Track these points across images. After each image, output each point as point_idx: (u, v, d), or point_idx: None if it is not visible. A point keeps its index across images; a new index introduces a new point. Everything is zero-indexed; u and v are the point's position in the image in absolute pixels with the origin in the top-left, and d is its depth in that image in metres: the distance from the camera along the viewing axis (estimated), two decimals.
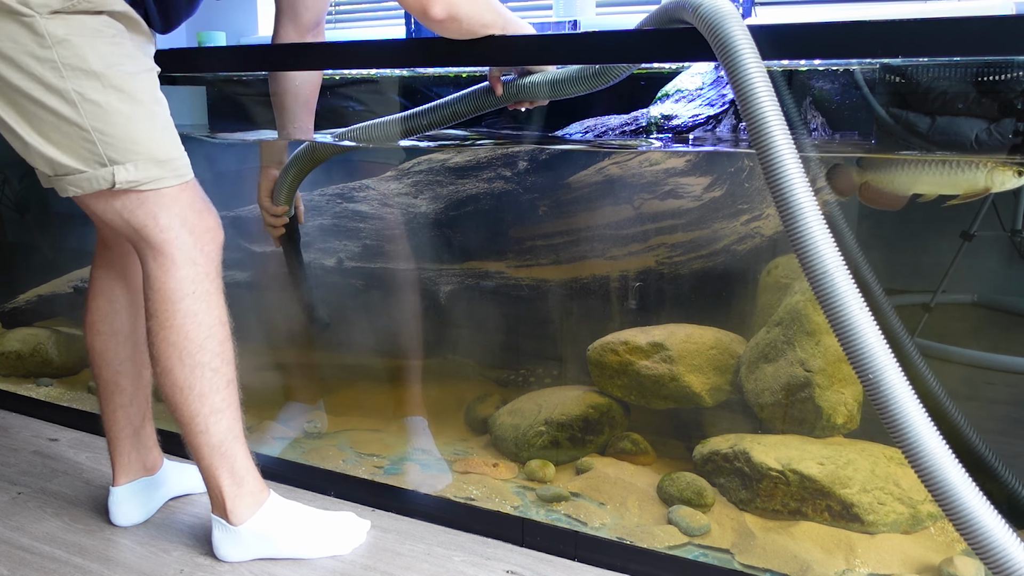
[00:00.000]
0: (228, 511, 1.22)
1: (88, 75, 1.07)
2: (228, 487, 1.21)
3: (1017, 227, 1.41)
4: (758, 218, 1.61)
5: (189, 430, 1.20)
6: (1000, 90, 1.14)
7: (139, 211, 1.14)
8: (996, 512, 0.86)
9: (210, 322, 1.17)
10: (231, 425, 1.21)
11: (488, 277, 1.80)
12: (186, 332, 1.16)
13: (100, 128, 1.08)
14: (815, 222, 0.92)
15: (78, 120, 1.07)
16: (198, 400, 1.18)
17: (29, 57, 1.05)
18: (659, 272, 1.66)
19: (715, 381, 1.53)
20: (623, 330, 1.60)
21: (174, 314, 1.15)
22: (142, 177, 1.11)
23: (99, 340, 1.33)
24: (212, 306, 1.17)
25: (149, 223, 1.15)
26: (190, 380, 1.17)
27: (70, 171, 1.10)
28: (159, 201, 1.14)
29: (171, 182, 1.14)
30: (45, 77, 1.05)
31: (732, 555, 1.28)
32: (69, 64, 1.06)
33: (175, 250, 1.15)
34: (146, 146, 1.11)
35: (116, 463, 1.38)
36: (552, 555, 1.29)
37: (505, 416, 1.67)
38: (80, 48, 1.06)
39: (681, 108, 1.55)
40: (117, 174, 1.10)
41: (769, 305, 1.53)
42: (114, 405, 1.36)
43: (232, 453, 1.21)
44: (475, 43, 1.15)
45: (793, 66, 1.40)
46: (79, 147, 1.09)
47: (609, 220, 1.73)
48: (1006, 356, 1.47)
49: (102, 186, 1.11)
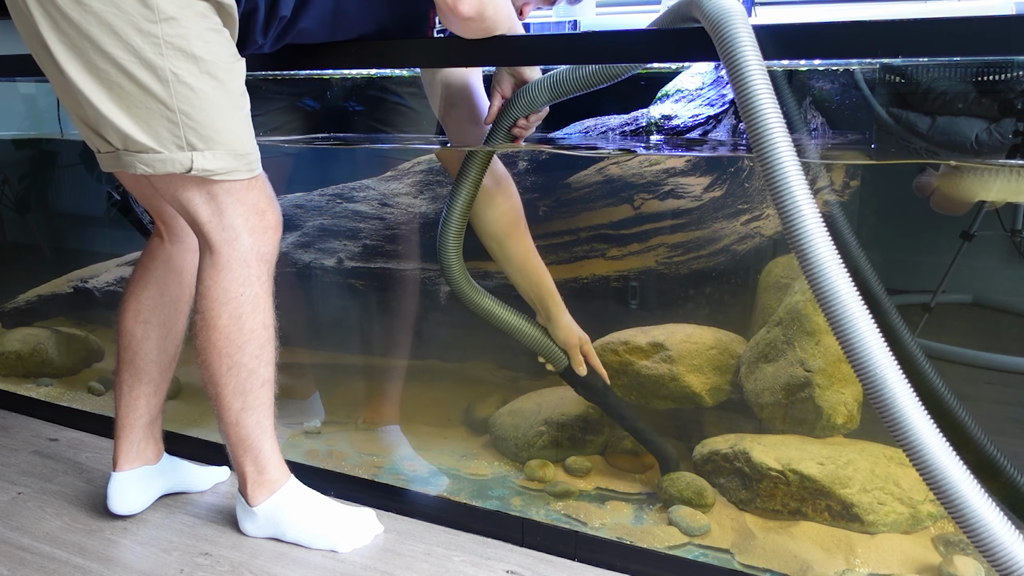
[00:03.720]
0: (247, 494, 1.29)
1: (187, 57, 1.06)
2: (250, 473, 1.28)
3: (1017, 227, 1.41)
4: (758, 218, 1.61)
5: (221, 418, 1.25)
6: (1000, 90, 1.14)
7: (205, 206, 1.15)
8: (999, 510, 0.86)
9: (253, 326, 1.19)
10: (260, 421, 1.25)
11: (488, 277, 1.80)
12: (228, 334, 1.18)
13: (187, 111, 1.08)
14: (814, 224, 0.92)
15: (167, 100, 1.07)
16: (231, 395, 1.22)
17: (131, 28, 1.03)
18: (659, 272, 1.66)
19: (715, 381, 1.52)
20: (623, 330, 1.60)
21: (219, 316, 1.18)
22: (219, 167, 1.12)
23: (141, 328, 1.35)
24: (258, 310, 1.19)
25: (213, 220, 1.16)
26: (226, 378, 1.21)
27: (144, 149, 1.09)
28: (227, 199, 1.15)
29: (243, 175, 1.15)
30: (143, 51, 1.04)
31: (732, 555, 1.28)
32: (172, 43, 1.05)
33: (231, 251, 1.16)
34: (228, 136, 1.12)
35: (122, 449, 1.39)
36: (552, 555, 1.29)
37: (505, 416, 1.67)
38: (186, 29, 1.05)
39: (681, 108, 1.55)
40: (196, 160, 1.10)
41: (769, 305, 1.53)
42: (138, 393, 1.37)
43: (258, 446, 1.26)
44: (478, 43, 1.16)
45: (793, 66, 1.40)
46: (160, 126, 1.08)
47: (609, 220, 1.73)
48: (1006, 356, 1.47)
49: (176, 169, 1.10)
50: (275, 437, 1.29)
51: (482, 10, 1.11)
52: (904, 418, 0.88)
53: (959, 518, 0.87)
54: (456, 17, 1.11)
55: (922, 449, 0.88)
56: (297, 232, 1.97)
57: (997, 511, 0.86)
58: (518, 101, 1.28)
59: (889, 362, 0.89)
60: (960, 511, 0.87)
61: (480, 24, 1.13)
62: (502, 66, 1.28)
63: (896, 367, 0.89)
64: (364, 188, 1.95)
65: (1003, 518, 0.86)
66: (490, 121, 1.31)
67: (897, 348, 0.93)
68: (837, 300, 0.90)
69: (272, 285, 1.23)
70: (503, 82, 1.29)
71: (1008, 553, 0.85)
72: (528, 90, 1.27)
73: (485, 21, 1.13)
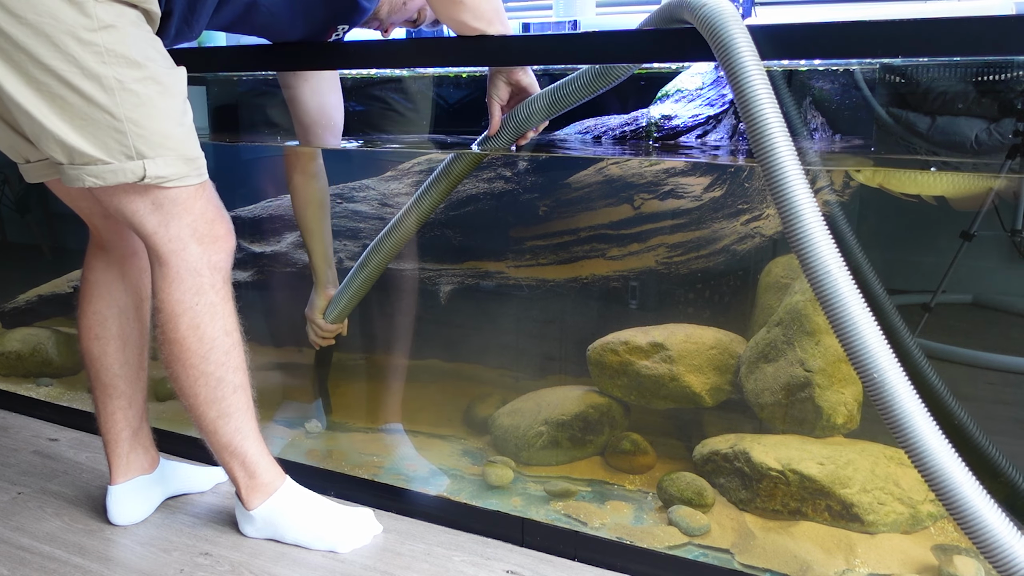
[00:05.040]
0: (242, 498, 1.29)
1: (131, 64, 1.04)
2: (241, 478, 1.28)
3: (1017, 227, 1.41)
4: (758, 218, 1.61)
5: (200, 428, 1.24)
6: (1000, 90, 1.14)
7: (151, 216, 1.12)
8: (1000, 510, 0.86)
9: (213, 334, 1.17)
10: (239, 426, 1.24)
11: (488, 277, 1.80)
12: (188, 345, 1.17)
13: (135, 119, 1.05)
14: (815, 224, 0.92)
15: (113, 109, 1.04)
16: (204, 405, 1.21)
17: (70, 38, 1.00)
18: (659, 272, 1.66)
19: (715, 381, 1.52)
20: (623, 330, 1.60)
21: (176, 328, 1.16)
22: (171, 173, 1.10)
23: (96, 345, 1.33)
24: (216, 317, 1.17)
25: (160, 231, 1.13)
26: (195, 388, 1.19)
27: (91, 160, 1.06)
28: (172, 208, 1.13)
29: (193, 180, 1.13)
30: (85, 60, 1.01)
31: (732, 555, 1.28)
32: (113, 51, 1.03)
33: (180, 262, 1.14)
34: (177, 142, 1.10)
35: (113, 463, 1.38)
36: (552, 555, 1.29)
37: (505, 416, 1.66)
38: (126, 36, 1.03)
39: (681, 108, 1.55)
40: (148, 168, 1.07)
41: (769, 305, 1.53)
42: (112, 408, 1.36)
43: (242, 450, 1.25)
44: (476, 43, 1.15)
45: (793, 66, 1.40)
46: (106, 136, 1.05)
47: (609, 220, 1.73)
48: (1006, 356, 1.47)
49: (128, 179, 1.07)
50: (260, 440, 1.27)
51: None
52: (906, 419, 0.88)
53: (960, 519, 0.87)
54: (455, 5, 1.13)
55: (924, 450, 0.88)
56: (297, 232, 1.97)
57: (999, 512, 0.86)
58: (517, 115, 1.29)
59: (892, 363, 0.89)
60: (961, 512, 0.87)
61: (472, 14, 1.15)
62: (498, 66, 1.28)
63: (898, 368, 0.89)
64: (364, 188, 1.94)
65: (1004, 518, 0.86)
66: (493, 133, 1.32)
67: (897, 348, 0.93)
68: (839, 301, 0.90)
69: (231, 291, 1.20)
70: (499, 88, 1.29)
71: (1009, 553, 0.85)
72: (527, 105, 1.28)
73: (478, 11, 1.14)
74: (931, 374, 1.18)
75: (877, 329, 0.90)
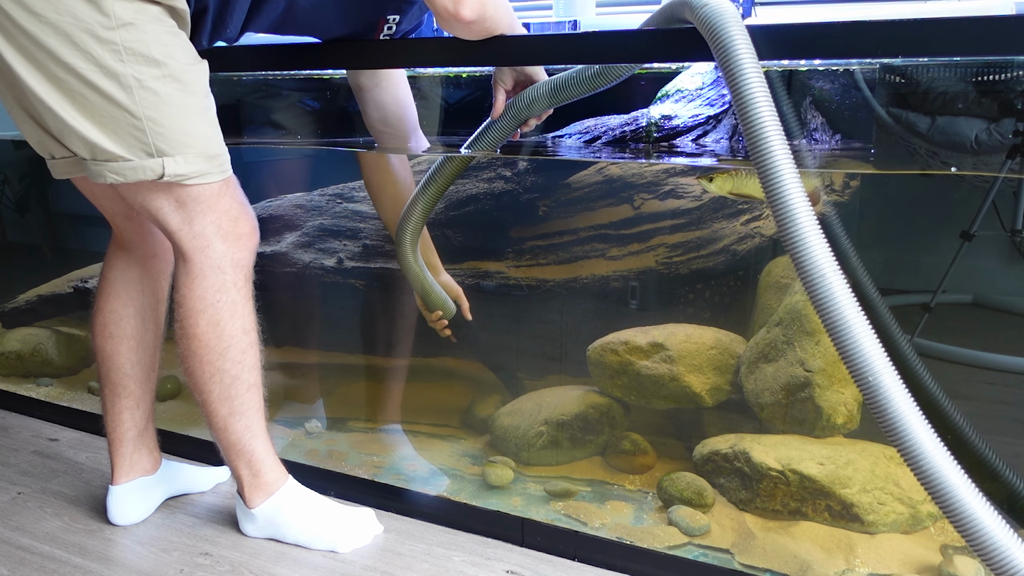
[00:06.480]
0: (245, 496, 1.30)
1: (149, 62, 1.04)
2: (246, 476, 1.28)
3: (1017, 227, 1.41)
4: (758, 218, 1.61)
5: (210, 424, 1.25)
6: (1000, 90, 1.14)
7: (175, 214, 1.13)
8: (996, 512, 0.86)
9: (232, 331, 1.18)
10: (249, 425, 1.25)
11: (488, 277, 1.80)
12: (207, 341, 1.17)
13: (154, 117, 1.06)
14: (810, 228, 0.91)
15: (131, 107, 1.05)
16: (217, 402, 1.21)
17: (89, 36, 1.01)
18: (659, 272, 1.66)
19: (715, 381, 1.52)
20: (623, 330, 1.60)
21: (196, 324, 1.17)
22: (191, 171, 1.10)
23: (110, 343, 1.33)
24: (236, 315, 1.18)
25: (184, 228, 1.14)
26: (210, 385, 1.20)
27: (113, 157, 1.07)
28: (197, 206, 1.13)
29: (215, 177, 1.14)
30: (103, 59, 1.02)
31: (732, 555, 1.28)
32: (131, 49, 1.03)
33: (203, 259, 1.15)
34: (197, 140, 1.10)
35: (116, 463, 1.38)
36: (552, 555, 1.29)
37: (505, 416, 1.67)
38: (144, 34, 1.04)
39: (681, 108, 1.54)
40: (167, 166, 1.08)
41: (769, 305, 1.53)
42: (120, 407, 1.36)
43: (250, 449, 1.26)
44: (478, 43, 1.16)
45: (793, 66, 1.40)
46: (127, 134, 1.06)
47: (609, 220, 1.73)
48: (1006, 356, 1.47)
49: (148, 176, 1.08)
50: (268, 439, 1.28)
51: (483, 11, 1.11)
52: (901, 422, 0.88)
53: (957, 522, 0.87)
54: (459, 22, 1.11)
55: (919, 453, 0.88)
56: (297, 232, 1.97)
57: (995, 514, 0.86)
58: (518, 102, 1.29)
59: (886, 366, 0.89)
60: (958, 515, 0.86)
61: (482, 25, 1.13)
62: (503, 65, 1.29)
63: (893, 371, 0.89)
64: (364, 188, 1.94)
65: (1001, 521, 0.86)
66: (496, 117, 1.32)
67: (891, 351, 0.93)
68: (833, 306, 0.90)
69: (251, 290, 1.21)
70: (505, 75, 1.29)
71: (1006, 556, 0.85)
72: (529, 93, 1.28)
73: (487, 22, 1.12)
74: (926, 376, 1.18)
75: (872, 332, 0.90)
